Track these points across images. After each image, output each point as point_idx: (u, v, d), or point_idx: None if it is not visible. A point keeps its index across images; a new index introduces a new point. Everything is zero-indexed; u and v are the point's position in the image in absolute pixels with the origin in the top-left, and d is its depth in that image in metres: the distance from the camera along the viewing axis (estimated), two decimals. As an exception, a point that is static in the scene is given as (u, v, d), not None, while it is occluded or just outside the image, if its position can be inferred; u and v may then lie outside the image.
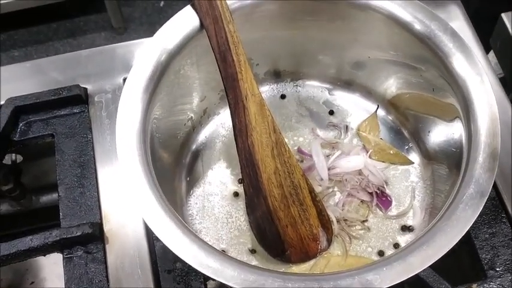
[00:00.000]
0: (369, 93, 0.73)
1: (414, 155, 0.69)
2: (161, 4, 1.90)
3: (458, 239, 0.49)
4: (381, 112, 0.72)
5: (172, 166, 0.66)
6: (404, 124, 0.71)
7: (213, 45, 0.59)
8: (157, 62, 0.59)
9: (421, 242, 0.49)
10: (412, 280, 0.48)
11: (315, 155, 0.67)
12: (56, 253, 0.61)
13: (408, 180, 0.68)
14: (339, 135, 0.71)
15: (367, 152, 0.69)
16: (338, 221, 0.64)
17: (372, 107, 0.73)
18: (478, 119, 0.55)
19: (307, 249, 0.61)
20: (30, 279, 0.78)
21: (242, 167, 0.60)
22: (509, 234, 0.61)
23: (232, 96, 0.59)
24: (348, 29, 0.66)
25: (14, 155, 0.75)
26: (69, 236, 0.60)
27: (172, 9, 1.86)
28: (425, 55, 0.61)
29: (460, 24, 0.76)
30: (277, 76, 0.75)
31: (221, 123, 0.72)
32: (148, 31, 1.83)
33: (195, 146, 0.71)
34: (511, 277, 0.58)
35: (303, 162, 0.68)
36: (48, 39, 1.85)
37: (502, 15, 0.77)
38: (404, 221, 0.65)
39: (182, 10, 0.61)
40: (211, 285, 0.62)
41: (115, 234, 0.63)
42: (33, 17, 1.80)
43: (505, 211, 0.63)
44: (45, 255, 0.62)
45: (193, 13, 0.61)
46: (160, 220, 0.50)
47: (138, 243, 0.62)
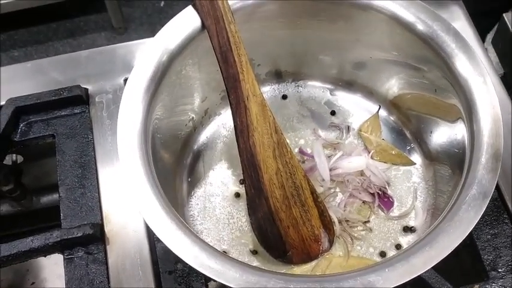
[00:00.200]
0: (370, 94, 0.73)
1: (416, 156, 0.69)
2: (161, 4, 1.90)
3: (461, 240, 0.49)
4: (382, 113, 0.72)
5: (174, 167, 0.66)
6: (406, 125, 0.71)
7: (214, 45, 0.59)
8: (158, 62, 0.58)
9: (424, 243, 0.49)
10: (414, 281, 0.47)
11: (316, 155, 0.67)
12: (56, 254, 0.61)
13: (410, 181, 0.67)
14: (341, 135, 0.71)
15: (369, 152, 0.69)
16: (340, 222, 0.64)
17: (374, 107, 0.73)
18: (480, 120, 0.55)
19: (309, 250, 0.61)
20: (30, 279, 0.78)
21: (243, 168, 0.60)
22: (512, 235, 0.61)
23: (234, 96, 0.59)
24: (350, 29, 0.66)
25: (14, 155, 0.75)
26: (70, 236, 0.60)
27: (173, 9, 1.86)
28: (427, 56, 0.61)
29: (462, 24, 0.76)
30: (278, 76, 0.75)
31: (222, 123, 0.72)
32: (148, 31, 1.83)
33: (196, 146, 0.70)
34: (513, 278, 0.58)
35: (304, 162, 0.68)
36: (48, 39, 1.85)
37: (504, 15, 0.77)
38: (406, 222, 0.65)
39: (183, 10, 0.61)
40: (212, 286, 0.61)
41: (116, 235, 0.63)
42: (33, 17, 1.80)
43: (507, 212, 0.63)
44: (45, 256, 0.62)
45: (195, 13, 0.60)
46: (161, 221, 0.50)
47: (139, 244, 0.62)
